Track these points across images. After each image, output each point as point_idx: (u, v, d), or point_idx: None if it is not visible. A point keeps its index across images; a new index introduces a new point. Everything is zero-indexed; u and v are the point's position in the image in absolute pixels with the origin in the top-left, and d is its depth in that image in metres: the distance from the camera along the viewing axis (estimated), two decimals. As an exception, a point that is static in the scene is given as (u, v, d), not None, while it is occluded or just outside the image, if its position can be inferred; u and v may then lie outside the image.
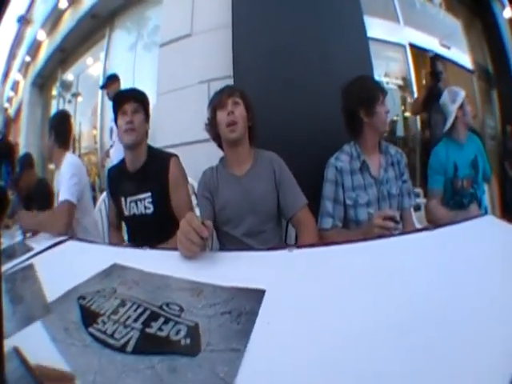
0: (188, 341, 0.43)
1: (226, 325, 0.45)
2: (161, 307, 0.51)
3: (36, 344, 0.48)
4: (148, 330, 0.46)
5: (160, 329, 0.46)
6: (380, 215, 0.90)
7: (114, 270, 0.69)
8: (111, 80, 2.47)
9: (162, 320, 0.48)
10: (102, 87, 2.53)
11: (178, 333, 0.45)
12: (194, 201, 0.74)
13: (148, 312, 0.50)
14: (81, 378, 0.38)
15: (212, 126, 1.17)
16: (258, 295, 0.51)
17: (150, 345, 0.43)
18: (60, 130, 1.62)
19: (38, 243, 1.07)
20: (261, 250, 0.90)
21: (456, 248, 0.64)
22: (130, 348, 0.43)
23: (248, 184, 1.12)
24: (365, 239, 0.75)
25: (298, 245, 0.82)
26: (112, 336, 0.46)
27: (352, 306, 0.49)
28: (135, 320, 0.49)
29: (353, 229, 1.17)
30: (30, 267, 0.81)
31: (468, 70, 2.73)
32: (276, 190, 1.13)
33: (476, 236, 0.69)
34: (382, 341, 0.41)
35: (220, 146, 1.21)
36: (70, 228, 1.33)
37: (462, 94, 1.58)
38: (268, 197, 1.12)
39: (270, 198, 1.12)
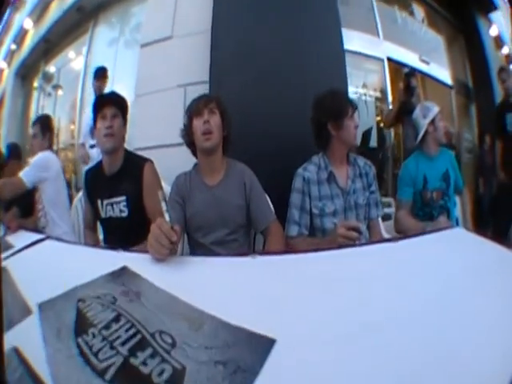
0: None
1: (216, 381, 0.39)
2: (153, 335, 0.48)
3: (29, 340, 0.49)
4: (132, 361, 0.43)
5: (144, 363, 0.42)
6: (344, 225, 0.93)
7: (121, 275, 0.68)
8: (101, 72, 2.36)
9: (149, 351, 0.44)
10: (94, 75, 2.39)
11: (161, 374, 0.40)
12: (165, 207, 0.76)
13: (139, 336, 0.47)
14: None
15: (187, 134, 1.18)
16: (264, 346, 0.43)
17: (128, 379, 0.41)
18: (51, 132, 1.83)
19: (17, 240, 1.08)
20: (225, 255, 0.93)
21: (423, 258, 0.66)
22: (108, 376, 0.41)
23: (219, 195, 1.15)
24: (328, 248, 0.78)
25: (261, 252, 0.85)
26: (96, 355, 0.44)
27: (310, 312, 0.50)
28: (123, 343, 0.46)
29: (319, 237, 1.20)
30: (4, 270, 0.79)
31: (447, 85, 2.81)
32: (246, 203, 1.16)
33: (445, 247, 0.72)
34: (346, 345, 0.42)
35: (194, 153, 1.22)
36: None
37: (435, 109, 1.61)
38: (238, 209, 1.15)
39: (240, 210, 1.16)
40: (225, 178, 1.18)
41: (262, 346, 0.43)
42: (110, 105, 1.26)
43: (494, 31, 2.64)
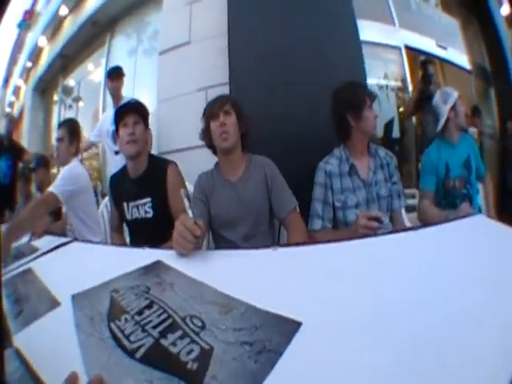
0: (195, 366, 0.39)
1: (242, 360, 0.40)
2: (184, 319, 0.49)
3: (60, 327, 0.53)
4: (162, 342, 0.45)
5: (174, 343, 0.44)
6: (365, 215, 0.92)
7: (155, 268, 0.70)
8: (115, 73, 2.21)
9: (179, 333, 0.46)
10: (108, 75, 2.22)
11: (189, 353, 0.42)
12: (187, 204, 0.80)
13: (170, 321, 0.49)
14: (88, 368, 0.41)
15: (206, 135, 1.23)
16: (290, 328, 0.44)
17: (158, 358, 0.42)
18: (78, 137, 1.74)
19: (43, 245, 1.12)
20: (246, 248, 0.95)
21: (444, 247, 0.64)
22: (138, 355, 0.43)
23: (242, 189, 1.18)
24: (350, 238, 0.77)
25: (283, 244, 0.86)
26: (128, 338, 0.46)
27: (332, 302, 0.50)
28: (155, 326, 0.48)
29: (341, 229, 1.20)
30: (29, 271, 0.84)
31: (465, 70, 2.73)
32: (268, 194, 1.18)
33: (465, 235, 0.70)
34: (368, 339, 0.41)
35: (215, 152, 1.26)
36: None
37: (455, 94, 1.58)
38: (261, 201, 1.17)
39: (263, 202, 1.18)
40: (246, 173, 1.21)
41: (288, 327, 0.44)
42: (130, 113, 1.31)
43: (505, 10, 2.58)
